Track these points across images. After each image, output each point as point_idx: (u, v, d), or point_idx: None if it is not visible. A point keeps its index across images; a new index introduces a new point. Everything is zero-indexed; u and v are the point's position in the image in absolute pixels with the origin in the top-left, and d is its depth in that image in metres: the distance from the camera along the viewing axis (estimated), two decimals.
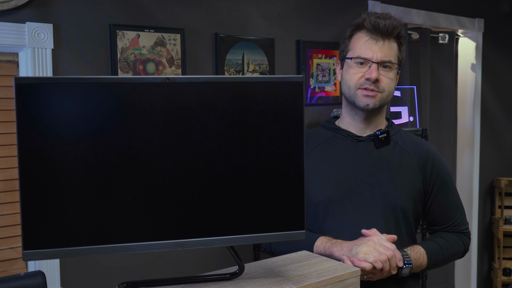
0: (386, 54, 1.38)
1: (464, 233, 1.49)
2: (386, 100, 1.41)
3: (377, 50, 1.38)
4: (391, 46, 1.40)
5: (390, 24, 1.38)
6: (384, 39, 1.39)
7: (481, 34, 3.56)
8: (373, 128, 1.45)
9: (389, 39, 1.40)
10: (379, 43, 1.38)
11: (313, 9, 2.67)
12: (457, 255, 1.48)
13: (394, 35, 1.40)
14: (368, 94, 1.38)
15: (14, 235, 1.94)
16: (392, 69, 1.40)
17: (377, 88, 1.38)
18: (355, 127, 1.46)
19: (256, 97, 0.94)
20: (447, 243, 1.44)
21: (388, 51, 1.39)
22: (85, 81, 0.86)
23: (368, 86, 1.38)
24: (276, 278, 1.00)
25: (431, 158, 1.45)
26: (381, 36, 1.39)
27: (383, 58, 1.38)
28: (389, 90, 1.40)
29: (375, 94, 1.38)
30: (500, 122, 3.79)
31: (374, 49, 1.38)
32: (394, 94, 1.48)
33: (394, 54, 1.40)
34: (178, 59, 2.20)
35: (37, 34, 1.87)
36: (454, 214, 1.47)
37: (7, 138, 1.92)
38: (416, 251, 1.36)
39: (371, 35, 1.39)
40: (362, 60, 1.39)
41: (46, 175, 0.85)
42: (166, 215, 0.90)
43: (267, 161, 0.94)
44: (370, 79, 1.37)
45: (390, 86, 1.40)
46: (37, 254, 0.86)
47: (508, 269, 3.61)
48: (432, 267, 1.42)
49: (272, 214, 0.95)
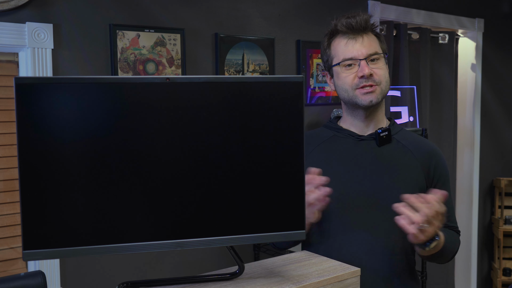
0: (369, 48, 1.40)
1: (457, 231, 1.50)
2: (385, 91, 1.43)
3: (360, 47, 1.39)
4: (371, 39, 1.42)
5: (361, 19, 1.40)
6: (362, 35, 1.41)
7: (481, 34, 3.56)
8: (374, 126, 1.45)
9: (366, 34, 1.42)
10: (359, 40, 1.40)
11: (313, 9, 2.67)
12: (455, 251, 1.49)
13: (369, 29, 1.42)
14: (367, 91, 1.39)
15: (14, 235, 1.94)
16: (380, 59, 1.42)
17: (373, 82, 1.39)
18: (357, 126, 1.46)
19: (256, 97, 0.94)
20: (453, 236, 1.44)
21: (370, 45, 1.40)
22: (85, 81, 0.86)
23: (365, 83, 1.39)
24: (276, 278, 1.00)
25: (434, 157, 1.45)
26: (358, 33, 1.40)
27: (369, 52, 1.39)
28: (385, 80, 1.42)
29: (374, 89, 1.39)
30: (500, 122, 3.79)
31: (356, 47, 1.40)
32: (394, 94, 1.49)
33: (376, 45, 1.42)
34: (178, 59, 2.20)
35: (37, 34, 1.87)
36: (450, 213, 1.48)
37: (7, 138, 1.92)
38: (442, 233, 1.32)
39: (348, 36, 1.41)
40: (349, 62, 1.40)
41: (46, 175, 0.85)
42: (166, 215, 0.90)
43: (267, 161, 0.94)
44: (364, 76, 1.38)
45: (385, 75, 1.42)
46: (37, 254, 0.86)
47: (508, 269, 3.61)
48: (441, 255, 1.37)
49: (272, 214, 0.95)
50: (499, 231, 3.56)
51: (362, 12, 1.44)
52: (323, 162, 1.44)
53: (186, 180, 0.91)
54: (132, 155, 0.88)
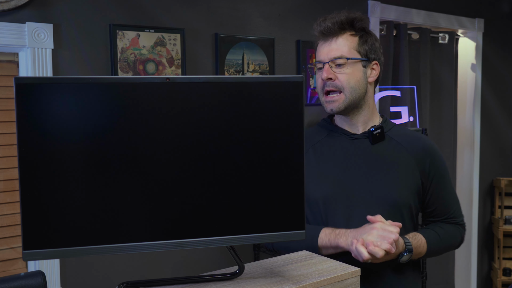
0: (335, 52, 1.39)
1: (460, 224, 1.51)
2: (352, 98, 1.39)
3: (326, 51, 1.40)
4: (342, 42, 1.39)
5: (331, 22, 1.39)
6: (332, 37, 1.40)
7: (481, 34, 3.56)
8: (364, 125, 1.45)
9: (340, 36, 1.40)
10: (327, 43, 1.41)
11: (313, 9, 2.67)
12: (453, 246, 1.51)
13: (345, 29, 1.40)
14: (330, 99, 1.40)
15: (14, 235, 1.94)
16: (346, 65, 1.39)
17: (334, 87, 1.39)
18: (347, 125, 1.46)
19: (256, 97, 0.94)
20: (446, 233, 1.46)
21: (337, 48, 1.39)
22: (85, 81, 0.86)
23: (327, 88, 1.39)
24: (276, 278, 1.00)
25: (428, 152, 1.45)
26: (328, 36, 1.40)
27: (332, 56, 1.38)
28: (349, 86, 1.39)
29: (337, 98, 1.39)
30: (500, 122, 3.79)
31: (324, 50, 1.41)
32: (394, 94, 1.49)
33: (347, 48, 1.39)
34: (178, 59, 2.20)
35: (37, 34, 1.87)
36: (451, 206, 1.49)
37: (7, 138, 1.92)
38: (418, 239, 1.38)
39: (322, 38, 1.42)
40: (319, 65, 1.42)
41: (46, 175, 0.85)
42: (166, 215, 0.90)
43: (267, 161, 0.94)
44: (323, 79, 1.38)
45: (350, 81, 1.39)
46: (37, 254, 0.86)
47: (508, 269, 3.61)
48: (430, 255, 1.44)
49: (272, 214, 0.95)
50: (499, 231, 3.56)
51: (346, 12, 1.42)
52: (318, 161, 1.44)
53: (186, 180, 0.91)
54: (132, 155, 0.88)
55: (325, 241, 1.33)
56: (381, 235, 1.23)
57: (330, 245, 1.31)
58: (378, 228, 1.25)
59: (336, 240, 1.31)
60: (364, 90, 1.41)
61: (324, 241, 1.33)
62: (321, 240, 1.33)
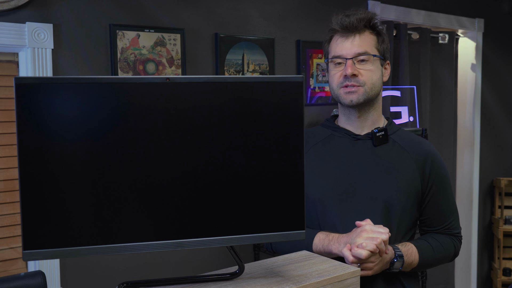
0: (359, 48, 1.39)
1: (456, 236, 1.47)
2: (371, 93, 1.40)
3: (349, 46, 1.39)
4: (364, 39, 1.40)
5: (356, 18, 1.39)
6: (355, 34, 1.40)
7: (481, 34, 3.56)
8: (370, 126, 1.45)
9: (362, 33, 1.40)
10: (350, 39, 1.40)
11: (313, 9, 2.67)
12: (447, 259, 1.47)
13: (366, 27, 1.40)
14: (349, 91, 1.39)
15: (14, 235, 1.94)
16: (369, 61, 1.39)
17: (357, 82, 1.38)
18: (352, 125, 1.46)
19: (256, 97, 0.94)
20: (439, 245, 1.43)
21: (361, 44, 1.39)
22: (85, 81, 0.86)
23: (348, 83, 1.39)
24: (276, 278, 1.00)
25: (430, 158, 1.44)
26: (351, 32, 1.40)
27: (357, 52, 1.38)
28: (371, 82, 1.39)
29: (356, 89, 1.38)
30: (500, 122, 3.79)
31: (346, 46, 1.39)
32: (394, 94, 1.48)
33: (370, 45, 1.40)
34: (178, 59, 2.20)
35: (37, 34, 1.87)
36: (448, 217, 1.46)
37: (7, 138, 1.92)
38: (408, 247, 1.36)
39: (341, 34, 1.41)
40: (338, 60, 1.41)
41: (46, 175, 0.85)
42: (166, 215, 0.90)
43: (267, 161, 0.94)
44: (347, 75, 1.38)
45: (372, 78, 1.39)
46: (37, 254, 0.86)
47: (508, 269, 3.61)
48: (422, 267, 1.41)
49: (272, 214, 0.95)
50: (499, 231, 3.56)
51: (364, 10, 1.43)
52: (320, 161, 1.44)
53: (186, 180, 0.90)
54: (132, 155, 0.88)
55: (319, 247, 1.33)
56: (370, 237, 1.23)
57: (324, 251, 1.31)
58: (368, 230, 1.25)
59: (329, 247, 1.31)
60: (380, 88, 1.43)
61: (318, 247, 1.33)
62: (315, 246, 1.34)
